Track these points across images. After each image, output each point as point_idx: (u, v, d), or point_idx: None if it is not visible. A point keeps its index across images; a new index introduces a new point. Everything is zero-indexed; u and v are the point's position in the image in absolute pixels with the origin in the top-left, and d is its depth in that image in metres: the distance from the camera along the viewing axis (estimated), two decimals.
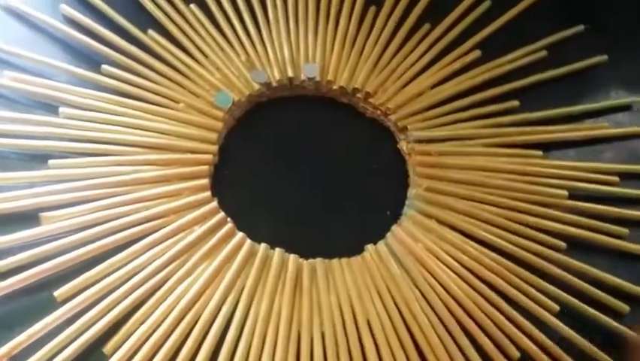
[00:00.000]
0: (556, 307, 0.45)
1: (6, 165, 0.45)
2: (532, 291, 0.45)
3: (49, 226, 0.43)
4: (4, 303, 0.41)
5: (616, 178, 0.51)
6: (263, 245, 0.45)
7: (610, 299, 0.46)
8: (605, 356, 0.44)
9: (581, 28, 0.58)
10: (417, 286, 0.45)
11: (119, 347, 0.40)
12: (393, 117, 0.51)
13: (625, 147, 0.54)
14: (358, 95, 0.52)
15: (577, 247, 0.48)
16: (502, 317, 0.44)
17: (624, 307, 0.46)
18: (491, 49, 0.55)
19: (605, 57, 0.57)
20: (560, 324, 0.44)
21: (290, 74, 0.52)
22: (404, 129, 0.51)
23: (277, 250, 0.45)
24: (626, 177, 0.51)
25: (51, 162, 0.45)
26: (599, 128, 0.53)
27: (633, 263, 0.48)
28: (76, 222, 0.44)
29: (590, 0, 0.61)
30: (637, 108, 0.55)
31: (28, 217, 0.43)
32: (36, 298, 0.41)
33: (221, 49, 0.52)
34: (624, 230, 0.49)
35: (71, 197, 0.44)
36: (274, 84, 0.52)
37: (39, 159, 0.46)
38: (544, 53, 0.56)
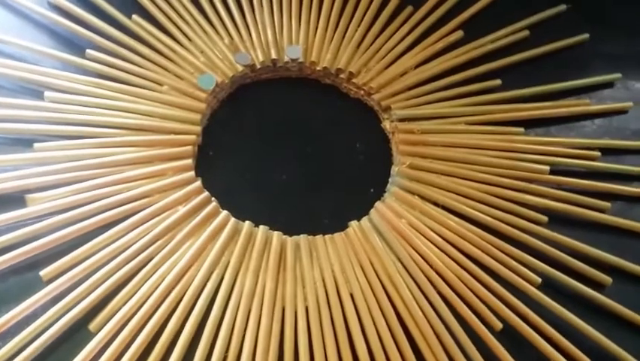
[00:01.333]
0: (538, 280, 0.45)
1: None
2: (514, 264, 0.46)
3: (34, 207, 0.44)
4: None
5: (597, 153, 0.52)
6: (247, 223, 0.46)
7: (593, 271, 0.47)
8: (587, 327, 0.44)
9: (562, 7, 0.58)
10: (400, 261, 0.45)
11: (105, 324, 0.41)
12: (376, 97, 0.52)
13: (606, 123, 0.54)
14: (342, 75, 0.53)
15: (559, 220, 0.48)
16: (484, 290, 0.44)
17: (607, 279, 0.46)
18: (474, 29, 0.56)
19: (586, 35, 0.57)
20: (542, 296, 0.45)
21: (273, 55, 0.52)
22: (387, 109, 0.52)
23: (261, 227, 0.45)
24: (608, 152, 0.52)
25: (36, 145, 0.46)
26: (580, 105, 0.54)
27: (615, 236, 0.49)
28: (61, 203, 0.44)
29: None
30: (618, 85, 0.56)
31: (13, 199, 0.44)
32: (23, 278, 0.42)
33: (205, 32, 0.53)
34: (606, 204, 0.49)
35: (56, 179, 0.45)
36: (258, 66, 0.52)
37: (24, 142, 0.46)
38: (526, 32, 0.57)
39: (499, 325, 0.43)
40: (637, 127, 0.54)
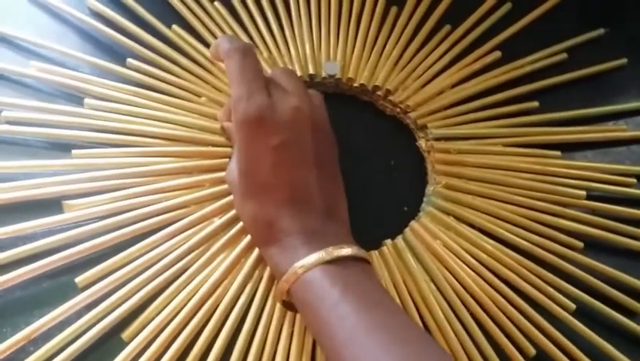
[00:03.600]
0: (573, 306, 0.45)
1: (31, 153, 0.46)
2: (549, 289, 0.45)
3: (71, 213, 0.44)
4: (26, 287, 0.42)
5: (633, 180, 0.51)
6: None
7: (625, 298, 0.46)
8: (620, 355, 0.44)
9: (601, 31, 0.58)
10: (434, 281, 0.45)
11: (138, 333, 0.41)
12: (412, 115, 0.52)
13: None
14: (378, 92, 0.53)
15: (593, 246, 0.48)
16: (518, 314, 0.44)
17: (638, 306, 0.46)
18: (511, 50, 0.56)
19: (624, 60, 0.57)
20: (576, 322, 0.44)
21: (311, 71, 0.52)
22: (423, 127, 0.51)
23: None
24: None
25: (74, 151, 0.46)
26: (616, 131, 0.53)
27: None
28: (98, 210, 0.44)
29: (609, 3, 0.61)
30: None
31: (51, 204, 0.44)
32: (58, 284, 0.42)
33: None
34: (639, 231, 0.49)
35: (94, 186, 0.45)
36: None
37: (63, 148, 0.46)
38: (564, 55, 0.56)
39: (532, 351, 0.43)
40: None
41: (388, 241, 0.47)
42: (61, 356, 0.39)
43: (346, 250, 0.38)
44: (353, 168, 0.50)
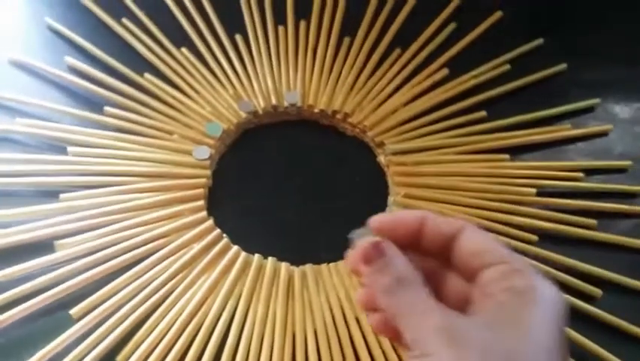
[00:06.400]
0: None
1: (22, 201, 0.50)
2: None
3: (63, 252, 0.48)
4: (25, 325, 0.45)
5: (580, 174, 0.55)
6: (257, 256, 0.49)
7: (583, 285, 0.49)
8: (580, 337, 0.47)
9: (540, 41, 0.63)
10: None
11: (131, 355, 0.44)
12: (370, 134, 0.56)
13: (588, 146, 0.58)
14: (338, 116, 0.57)
15: (549, 239, 0.52)
16: None
17: (597, 292, 0.49)
18: (458, 66, 0.60)
19: (564, 65, 0.61)
20: None
21: (274, 102, 0.57)
22: (381, 144, 0.56)
23: (270, 259, 0.49)
24: (591, 173, 0.56)
25: (62, 195, 0.50)
26: (561, 130, 0.58)
27: (602, 250, 0.52)
28: (87, 246, 0.48)
29: (546, 15, 0.66)
30: (598, 109, 0.60)
31: (44, 246, 0.48)
32: (54, 318, 0.45)
33: (211, 85, 0.58)
34: (592, 221, 0.53)
35: (82, 225, 0.49)
36: (260, 112, 0.57)
37: (51, 194, 0.50)
38: (507, 66, 0.61)
39: None
40: (618, 147, 0.58)
41: None
42: None
43: None
44: (320, 187, 0.54)
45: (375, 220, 0.30)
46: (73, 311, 0.45)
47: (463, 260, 0.28)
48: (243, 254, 0.49)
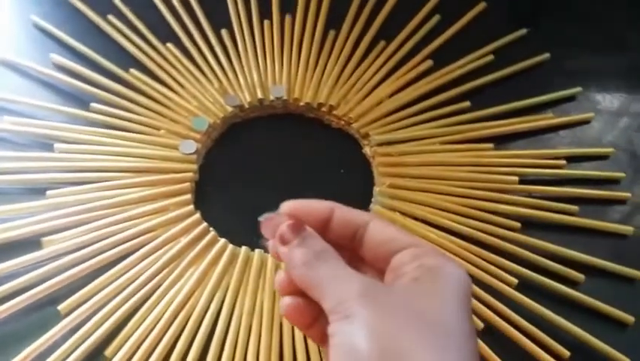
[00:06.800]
0: (515, 281, 0.49)
1: (9, 198, 0.50)
2: (492, 268, 0.49)
3: (50, 248, 0.48)
4: (13, 321, 0.45)
5: (563, 162, 0.56)
6: (243, 248, 0.50)
7: (566, 270, 0.50)
8: (564, 321, 0.48)
9: (523, 31, 0.63)
10: None
11: (119, 349, 0.44)
12: (355, 126, 0.57)
13: (571, 134, 0.58)
14: (323, 109, 0.57)
15: (532, 225, 0.52)
16: None
17: (580, 277, 0.50)
18: (442, 58, 0.61)
19: (547, 55, 0.62)
20: (520, 295, 0.48)
21: (260, 95, 0.57)
22: (366, 135, 0.56)
23: (257, 251, 0.50)
24: (574, 160, 0.56)
25: (49, 192, 0.50)
26: (544, 119, 0.58)
27: (585, 236, 0.53)
28: (74, 242, 0.48)
29: (530, 6, 0.66)
30: (580, 98, 0.60)
31: (31, 243, 0.48)
32: (42, 314, 0.46)
33: (197, 79, 0.58)
34: (574, 207, 0.53)
35: (69, 221, 0.49)
36: (246, 106, 0.57)
37: (38, 191, 0.51)
38: (490, 57, 0.61)
39: (480, 325, 0.47)
40: (599, 135, 0.59)
41: None
42: None
43: None
44: (306, 180, 0.55)
45: (287, 205, 0.31)
46: (61, 307, 0.46)
47: (373, 250, 0.29)
48: (230, 247, 0.50)
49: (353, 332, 0.25)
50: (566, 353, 0.46)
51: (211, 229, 0.51)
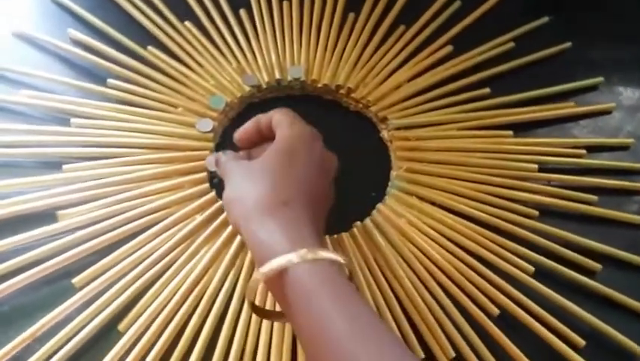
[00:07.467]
0: (532, 268, 0.49)
1: (25, 172, 0.50)
2: (509, 255, 0.49)
3: (65, 221, 0.48)
4: (27, 293, 0.46)
5: (583, 151, 0.55)
6: None
7: (583, 259, 0.50)
8: (579, 309, 0.47)
9: (545, 19, 0.63)
10: (401, 255, 0.49)
11: (132, 324, 0.44)
12: (373, 109, 0.56)
13: (591, 123, 0.58)
14: (341, 91, 0.57)
15: (550, 214, 0.52)
16: (481, 279, 0.48)
17: (597, 266, 0.50)
18: (462, 44, 0.60)
19: (568, 44, 0.61)
20: (536, 283, 0.48)
21: (278, 76, 0.57)
22: (384, 119, 0.56)
23: None
24: (593, 150, 0.55)
25: (65, 166, 0.50)
26: (565, 108, 0.58)
27: (602, 226, 0.52)
28: (89, 217, 0.48)
29: None
30: (601, 88, 0.60)
31: (46, 216, 0.48)
32: (56, 287, 0.46)
33: (215, 58, 0.57)
34: (593, 197, 0.53)
35: (84, 195, 0.49)
36: (264, 86, 0.57)
37: (54, 165, 0.51)
38: (511, 44, 0.61)
39: (495, 311, 0.47)
40: (621, 125, 0.58)
41: (358, 223, 0.51)
42: (65, 350, 0.43)
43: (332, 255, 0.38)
44: None
45: (236, 136, 0.48)
46: (76, 280, 0.46)
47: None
48: None
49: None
50: (582, 341, 0.46)
51: None
